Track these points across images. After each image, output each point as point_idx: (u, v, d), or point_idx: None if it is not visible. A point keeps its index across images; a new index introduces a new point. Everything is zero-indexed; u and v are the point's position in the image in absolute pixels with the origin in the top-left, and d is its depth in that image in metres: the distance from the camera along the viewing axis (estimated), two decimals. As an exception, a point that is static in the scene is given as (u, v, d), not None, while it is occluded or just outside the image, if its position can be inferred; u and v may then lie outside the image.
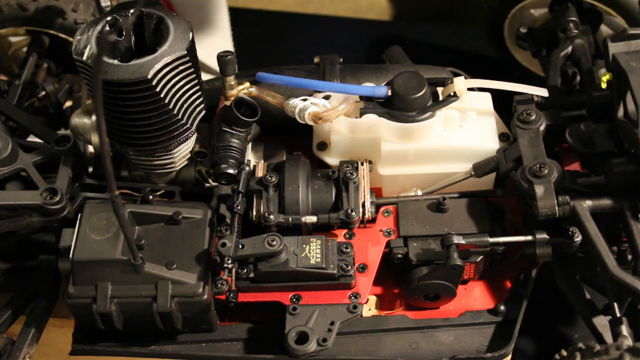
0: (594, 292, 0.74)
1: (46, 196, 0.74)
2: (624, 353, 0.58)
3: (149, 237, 0.73)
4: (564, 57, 0.86)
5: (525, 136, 0.76)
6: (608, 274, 0.67)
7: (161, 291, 0.70)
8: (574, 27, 0.89)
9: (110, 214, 0.72)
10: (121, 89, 0.70)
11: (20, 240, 0.79)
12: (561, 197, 0.71)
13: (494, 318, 0.75)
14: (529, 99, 0.80)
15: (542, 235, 0.72)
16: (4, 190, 0.76)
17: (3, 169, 0.75)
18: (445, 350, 0.73)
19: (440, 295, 0.74)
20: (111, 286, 0.71)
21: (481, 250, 0.73)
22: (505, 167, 0.76)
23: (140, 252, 0.70)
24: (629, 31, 0.76)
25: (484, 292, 0.77)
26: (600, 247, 0.68)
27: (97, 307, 0.71)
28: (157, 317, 0.71)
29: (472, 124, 0.79)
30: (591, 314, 0.72)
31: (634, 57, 0.72)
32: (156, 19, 0.73)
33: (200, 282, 0.70)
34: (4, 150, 0.75)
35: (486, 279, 0.77)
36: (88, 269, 0.71)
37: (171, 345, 0.75)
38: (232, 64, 0.79)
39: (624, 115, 0.73)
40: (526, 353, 0.82)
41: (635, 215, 0.70)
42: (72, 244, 0.72)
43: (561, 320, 0.84)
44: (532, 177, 0.71)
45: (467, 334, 0.74)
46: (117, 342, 0.75)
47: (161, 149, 0.76)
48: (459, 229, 0.74)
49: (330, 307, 0.73)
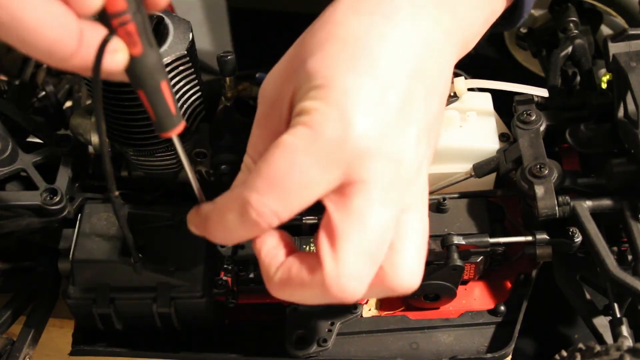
0: (594, 293, 0.74)
1: (46, 196, 0.74)
2: (624, 354, 0.58)
3: (149, 237, 0.73)
4: (564, 57, 0.86)
5: (525, 136, 0.76)
6: (608, 274, 0.67)
7: (161, 292, 0.70)
8: (574, 27, 0.89)
9: (110, 214, 0.72)
10: (121, 89, 0.69)
11: (20, 240, 0.79)
12: (561, 198, 0.71)
13: (494, 318, 0.75)
14: (529, 99, 0.80)
15: (542, 236, 0.73)
16: (4, 190, 0.76)
17: (3, 169, 0.75)
18: (445, 351, 0.73)
19: (441, 296, 0.74)
20: (111, 287, 0.71)
21: (481, 251, 0.73)
22: (506, 167, 0.76)
23: (140, 252, 0.70)
24: (629, 31, 0.75)
25: (484, 293, 0.77)
26: (601, 248, 0.68)
27: (97, 307, 0.71)
28: (157, 318, 0.71)
29: (472, 124, 0.79)
30: (591, 314, 0.72)
31: (634, 57, 0.72)
32: (156, 19, 0.73)
33: (200, 283, 0.70)
34: (4, 150, 0.75)
35: (486, 279, 0.78)
36: (88, 269, 0.71)
37: (171, 346, 0.75)
38: (232, 64, 0.79)
39: (624, 115, 0.72)
40: (526, 353, 0.82)
41: (635, 216, 0.70)
42: (72, 244, 0.72)
43: (561, 321, 0.84)
44: (532, 177, 0.71)
45: (467, 335, 0.74)
46: (117, 342, 0.75)
47: (161, 149, 0.76)
48: (459, 229, 0.74)
49: (330, 307, 0.73)
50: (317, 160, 0.52)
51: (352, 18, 0.56)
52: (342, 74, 0.53)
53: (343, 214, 0.53)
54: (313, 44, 0.56)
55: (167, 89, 0.53)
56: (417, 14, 0.57)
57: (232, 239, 0.57)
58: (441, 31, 0.59)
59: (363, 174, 0.52)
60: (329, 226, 0.53)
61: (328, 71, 0.53)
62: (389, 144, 0.53)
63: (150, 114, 0.54)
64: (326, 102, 0.52)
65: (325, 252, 0.53)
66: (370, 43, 0.55)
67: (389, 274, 0.55)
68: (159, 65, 0.52)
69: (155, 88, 0.53)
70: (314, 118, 0.52)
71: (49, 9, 0.47)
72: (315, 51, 0.55)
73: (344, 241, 0.52)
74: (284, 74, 0.57)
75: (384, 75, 0.54)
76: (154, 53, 0.52)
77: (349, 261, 0.52)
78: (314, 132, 0.52)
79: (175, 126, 0.55)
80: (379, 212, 0.53)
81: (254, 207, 0.53)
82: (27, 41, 0.47)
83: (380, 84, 0.54)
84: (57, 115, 0.90)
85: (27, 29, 0.46)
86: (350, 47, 0.54)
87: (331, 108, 0.52)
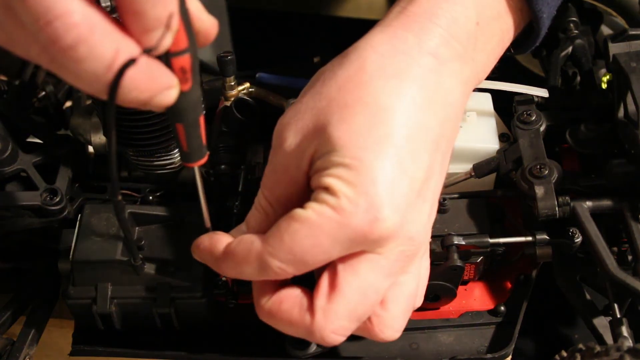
0: (594, 293, 0.74)
1: (46, 197, 0.74)
2: (624, 354, 0.58)
3: (149, 237, 0.73)
4: (564, 57, 0.86)
5: (526, 137, 0.76)
6: (608, 274, 0.67)
7: (161, 292, 0.70)
8: (574, 27, 0.89)
9: (110, 215, 0.72)
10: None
11: (20, 240, 0.79)
12: (561, 198, 0.71)
13: (494, 319, 0.75)
14: (529, 99, 0.80)
15: (542, 236, 0.73)
16: (4, 190, 0.76)
17: (3, 169, 0.75)
18: (445, 351, 0.73)
19: (441, 296, 0.74)
20: (111, 287, 0.71)
21: (481, 251, 0.73)
22: (506, 167, 0.76)
23: (140, 252, 0.70)
24: (629, 31, 0.75)
25: (484, 293, 0.77)
26: (601, 248, 0.68)
27: (97, 307, 0.71)
28: (157, 318, 0.71)
29: (472, 124, 0.79)
30: (591, 315, 0.72)
31: (634, 58, 0.72)
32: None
33: (200, 283, 0.70)
34: (4, 150, 0.75)
35: (486, 279, 0.77)
36: (88, 270, 0.71)
37: (171, 346, 0.75)
38: (232, 64, 0.79)
39: (624, 115, 0.72)
40: (526, 353, 0.82)
41: (635, 216, 0.70)
42: (72, 244, 0.72)
43: (561, 321, 0.84)
44: (532, 177, 0.71)
45: (468, 335, 0.74)
46: (117, 342, 0.75)
47: (161, 150, 0.76)
48: (459, 229, 0.74)
49: (330, 307, 0.73)
50: (340, 244, 0.55)
51: (378, 82, 0.57)
52: (370, 159, 0.54)
53: (349, 274, 0.56)
54: (338, 106, 0.57)
55: (203, 122, 0.54)
56: (442, 73, 0.59)
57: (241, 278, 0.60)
58: (462, 85, 0.61)
59: (378, 250, 0.56)
60: (333, 278, 0.56)
61: (356, 151, 0.55)
62: (407, 226, 0.56)
63: (182, 145, 0.55)
64: (355, 190, 0.54)
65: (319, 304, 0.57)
66: (397, 116, 0.56)
67: (375, 328, 0.60)
68: (201, 100, 0.53)
69: (195, 122, 0.54)
70: (342, 203, 0.54)
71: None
72: (341, 117, 0.56)
73: (341, 299, 0.56)
74: (305, 128, 0.58)
75: (411, 158, 0.56)
76: (199, 88, 0.52)
77: (339, 318, 0.56)
78: (341, 219, 0.54)
79: (202, 157, 0.57)
80: (381, 282, 0.57)
81: (273, 270, 0.56)
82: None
83: (407, 167, 0.55)
84: (57, 115, 0.89)
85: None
86: (378, 121, 0.55)
87: (360, 198, 0.54)
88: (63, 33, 0.44)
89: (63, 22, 0.44)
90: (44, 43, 0.45)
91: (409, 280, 0.61)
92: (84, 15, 0.45)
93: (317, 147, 0.57)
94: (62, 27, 0.44)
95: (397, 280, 0.59)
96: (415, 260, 0.60)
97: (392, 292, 0.60)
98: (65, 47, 0.45)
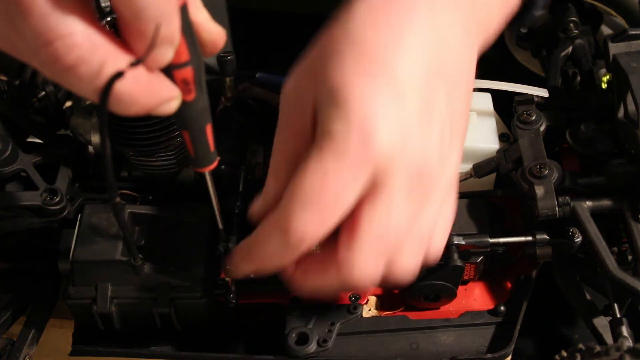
0: (594, 293, 0.74)
1: (46, 197, 0.74)
2: (624, 354, 0.58)
3: (149, 238, 0.73)
4: (564, 57, 0.86)
5: (526, 137, 0.76)
6: (608, 274, 0.67)
7: (161, 292, 0.70)
8: (574, 27, 0.89)
9: (110, 215, 0.72)
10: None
11: (20, 240, 0.79)
12: (561, 198, 0.71)
13: (494, 319, 0.75)
14: (529, 99, 0.80)
15: (542, 236, 0.72)
16: (4, 190, 0.76)
17: (3, 169, 0.75)
18: (445, 351, 0.73)
19: (441, 296, 0.74)
20: (111, 287, 0.71)
21: (481, 251, 0.73)
22: (506, 167, 0.76)
23: (140, 252, 0.70)
24: (629, 31, 0.75)
25: (484, 293, 0.77)
26: (601, 248, 0.68)
27: (97, 307, 0.71)
28: (157, 318, 0.71)
29: (472, 124, 0.79)
30: (591, 315, 0.72)
31: (634, 58, 0.72)
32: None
33: (201, 284, 0.70)
34: (4, 150, 0.75)
35: (486, 279, 0.77)
36: (88, 270, 0.71)
37: (171, 346, 0.75)
38: (232, 64, 0.79)
39: (624, 115, 0.72)
40: (526, 353, 0.82)
41: (635, 216, 0.70)
42: (72, 244, 0.72)
43: (561, 321, 0.84)
44: (532, 177, 0.71)
45: (468, 335, 0.74)
46: (117, 342, 0.75)
47: (161, 150, 0.76)
48: (459, 229, 0.74)
49: (330, 307, 0.73)
50: (347, 170, 0.55)
51: (369, 23, 0.57)
52: (361, 92, 0.55)
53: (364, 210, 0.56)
54: (332, 49, 0.57)
55: (210, 130, 0.55)
56: (435, 18, 0.59)
57: (273, 267, 0.61)
58: (460, 33, 0.61)
59: (387, 179, 0.55)
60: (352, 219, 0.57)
61: (348, 88, 0.55)
62: (411, 148, 0.56)
63: (189, 151, 0.56)
64: (348, 124, 0.54)
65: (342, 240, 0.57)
66: (388, 51, 0.56)
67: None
68: (207, 109, 0.53)
69: (201, 131, 0.54)
70: (337, 140, 0.55)
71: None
72: (334, 58, 0.57)
73: (360, 233, 0.56)
74: (304, 77, 0.59)
75: (403, 83, 0.56)
76: (204, 97, 0.52)
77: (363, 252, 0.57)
78: (339, 151, 0.54)
79: (211, 163, 0.57)
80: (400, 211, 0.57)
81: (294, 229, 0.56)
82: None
83: (399, 92, 0.56)
84: (57, 115, 0.89)
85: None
86: (368, 57, 0.56)
87: (353, 129, 0.54)
88: (64, 54, 0.45)
89: (64, 42, 0.44)
90: (44, 61, 0.45)
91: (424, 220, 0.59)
92: (85, 35, 0.45)
93: (315, 93, 0.57)
94: (63, 47, 0.44)
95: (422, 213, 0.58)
96: (438, 189, 0.59)
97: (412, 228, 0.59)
98: (66, 67, 0.45)
